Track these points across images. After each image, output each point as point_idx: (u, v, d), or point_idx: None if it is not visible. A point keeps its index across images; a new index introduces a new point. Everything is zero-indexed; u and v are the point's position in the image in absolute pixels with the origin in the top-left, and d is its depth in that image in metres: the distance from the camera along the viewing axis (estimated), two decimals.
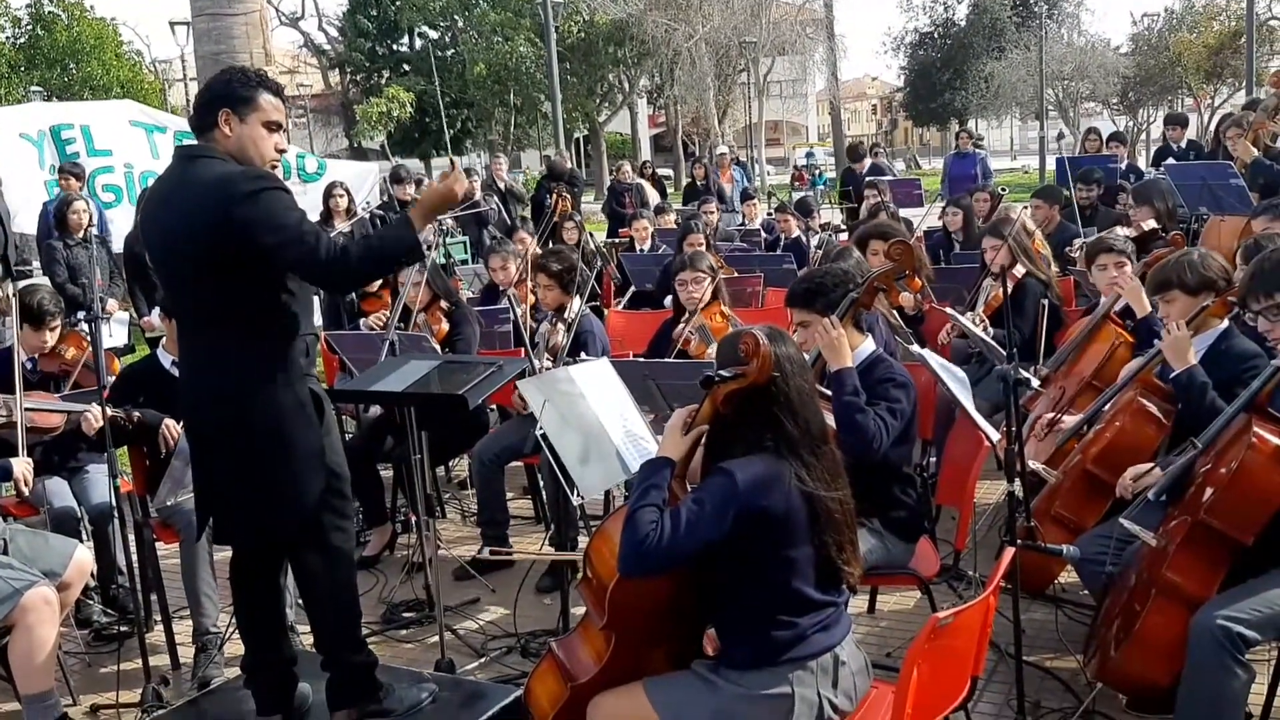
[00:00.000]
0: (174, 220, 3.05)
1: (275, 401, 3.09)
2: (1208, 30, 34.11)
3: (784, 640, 2.55)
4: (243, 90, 3.09)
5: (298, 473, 3.14)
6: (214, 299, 3.07)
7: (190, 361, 3.23)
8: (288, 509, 3.16)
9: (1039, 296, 5.60)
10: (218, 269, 3.00)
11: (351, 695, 3.34)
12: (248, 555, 3.37)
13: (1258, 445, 3.00)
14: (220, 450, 3.16)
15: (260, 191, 2.95)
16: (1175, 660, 3.00)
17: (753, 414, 2.56)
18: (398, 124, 36.08)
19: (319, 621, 3.37)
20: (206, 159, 3.05)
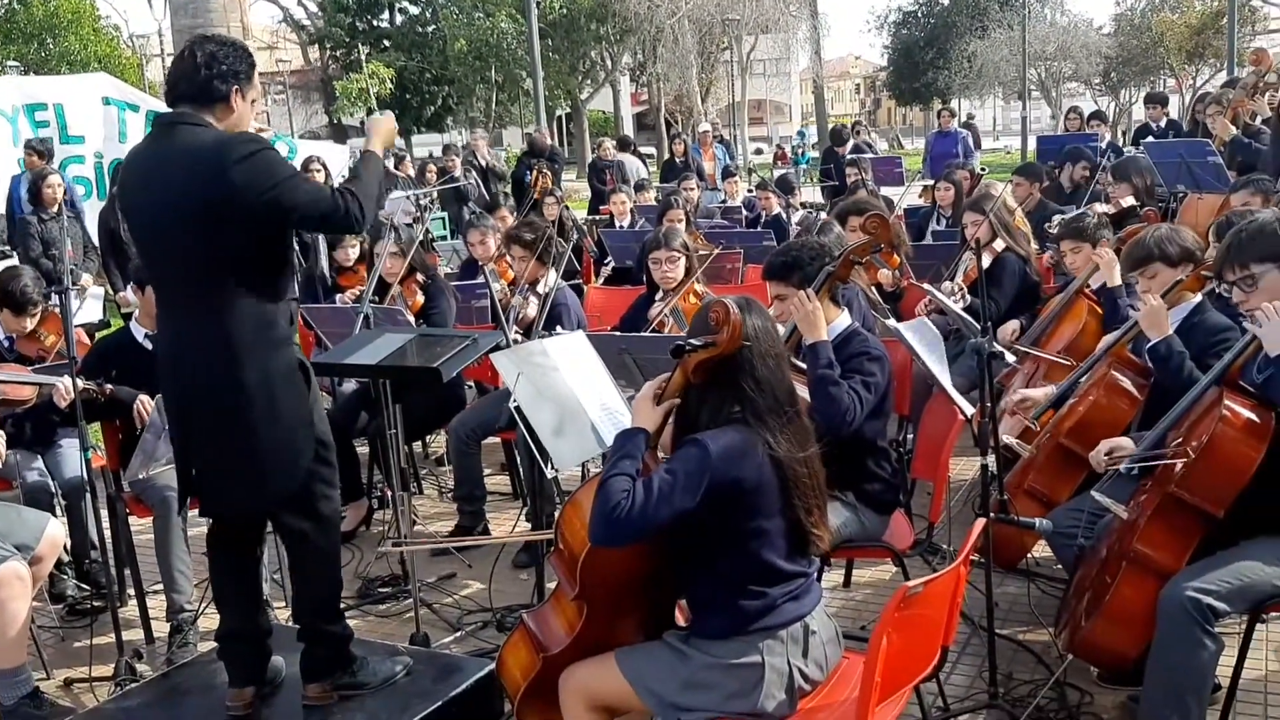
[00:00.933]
0: (164, 186, 3.03)
1: (266, 368, 3.09)
2: (1190, 10, 34.20)
3: (754, 610, 2.56)
4: (249, 66, 3.13)
5: (289, 439, 3.14)
6: (204, 266, 3.05)
7: (175, 331, 3.18)
8: (280, 475, 3.16)
9: (1017, 271, 5.62)
10: (210, 234, 3.00)
11: (327, 667, 3.34)
12: (228, 525, 3.35)
13: (1229, 418, 3.01)
14: (209, 420, 3.13)
15: (257, 152, 2.98)
16: (1145, 632, 3.01)
17: (723, 383, 2.56)
18: (378, 100, 35.81)
19: (302, 590, 3.38)
20: (192, 126, 3.04)
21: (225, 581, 3.37)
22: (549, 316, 4.93)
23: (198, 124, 3.04)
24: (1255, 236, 3.12)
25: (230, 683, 3.33)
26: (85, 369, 4.16)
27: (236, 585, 3.36)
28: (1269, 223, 3.14)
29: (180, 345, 3.15)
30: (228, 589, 3.37)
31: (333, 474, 3.34)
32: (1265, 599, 2.99)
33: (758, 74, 47.07)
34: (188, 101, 3.08)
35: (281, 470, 3.15)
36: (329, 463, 3.29)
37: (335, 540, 3.41)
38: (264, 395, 3.08)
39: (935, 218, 8.30)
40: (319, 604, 3.35)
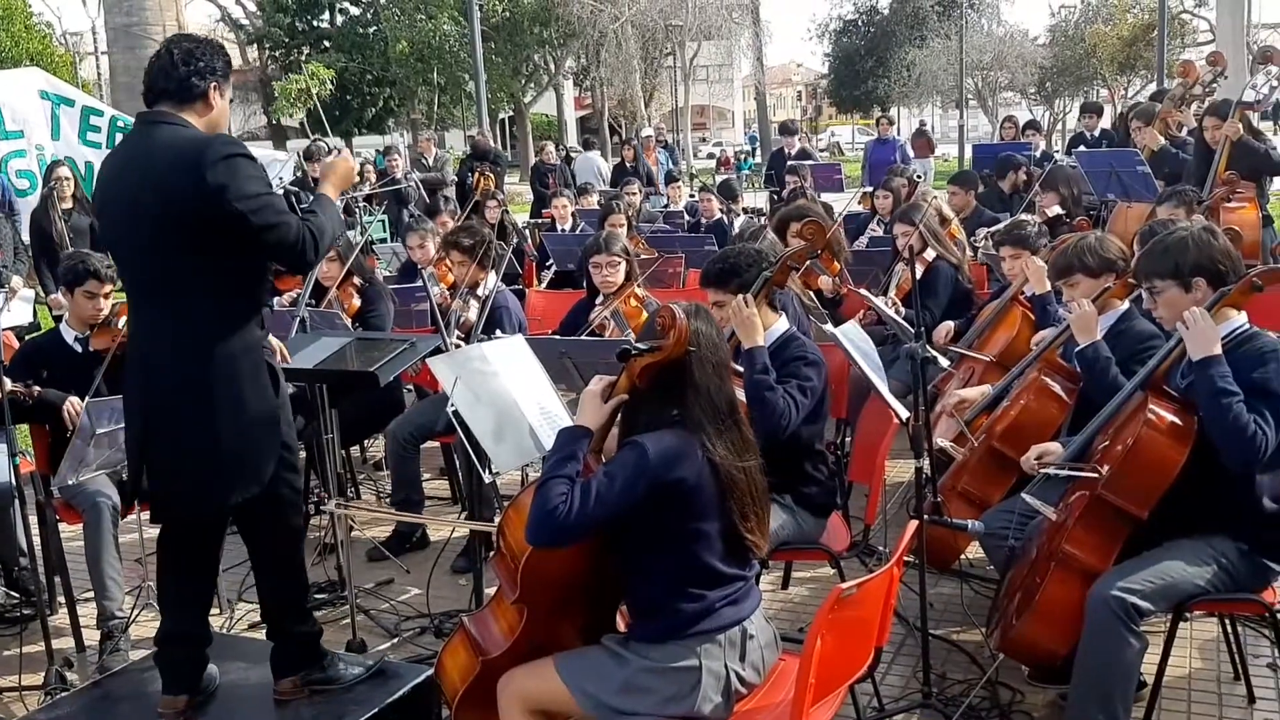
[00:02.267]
0: (141, 183, 3.01)
1: (235, 370, 3.09)
2: (1122, 22, 34.95)
3: (692, 613, 2.57)
4: (226, 64, 3.14)
5: (258, 438, 3.14)
6: (177, 265, 3.03)
7: (145, 330, 3.16)
8: (244, 477, 3.16)
9: (950, 279, 5.72)
10: (185, 233, 2.99)
11: (297, 663, 3.36)
12: (183, 527, 3.31)
13: (1154, 421, 3.09)
14: (175, 420, 3.11)
15: (234, 156, 2.97)
16: (1073, 630, 3.08)
17: (667, 388, 2.58)
18: (319, 101, 35.41)
19: (270, 589, 3.38)
20: (172, 125, 3.04)
21: (173, 583, 3.34)
22: (489, 320, 4.92)
23: (177, 123, 3.04)
24: (1162, 254, 3.22)
25: (164, 689, 3.29)
26: (12, 371, 4.08)
27: (185, 588, 3.33)
28: (1177, 241, 3.22)
29: (149, 344, 3.13)
30: (174, 591, 3.34)
31: (297, 477, 3.38)
32: (1188, 598, 3.08)
33: (701, 80, 47.27)
34: (167, 99, 3.07)
35: (246, 472, 3.15)
36: (295, 467, 3.33)
37: (300, 540, 3.44)
38: (231, 397, 3.08)
39: (875, 224, 8.41)
40: (287, 603, 3.38)
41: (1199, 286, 3.15)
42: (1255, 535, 3.11)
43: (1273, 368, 2.99)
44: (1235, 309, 3.14)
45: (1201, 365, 3.02)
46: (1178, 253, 3.19)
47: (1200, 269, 3.16)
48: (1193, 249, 3.18)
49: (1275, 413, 2.96)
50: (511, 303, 5.24)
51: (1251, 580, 3.14)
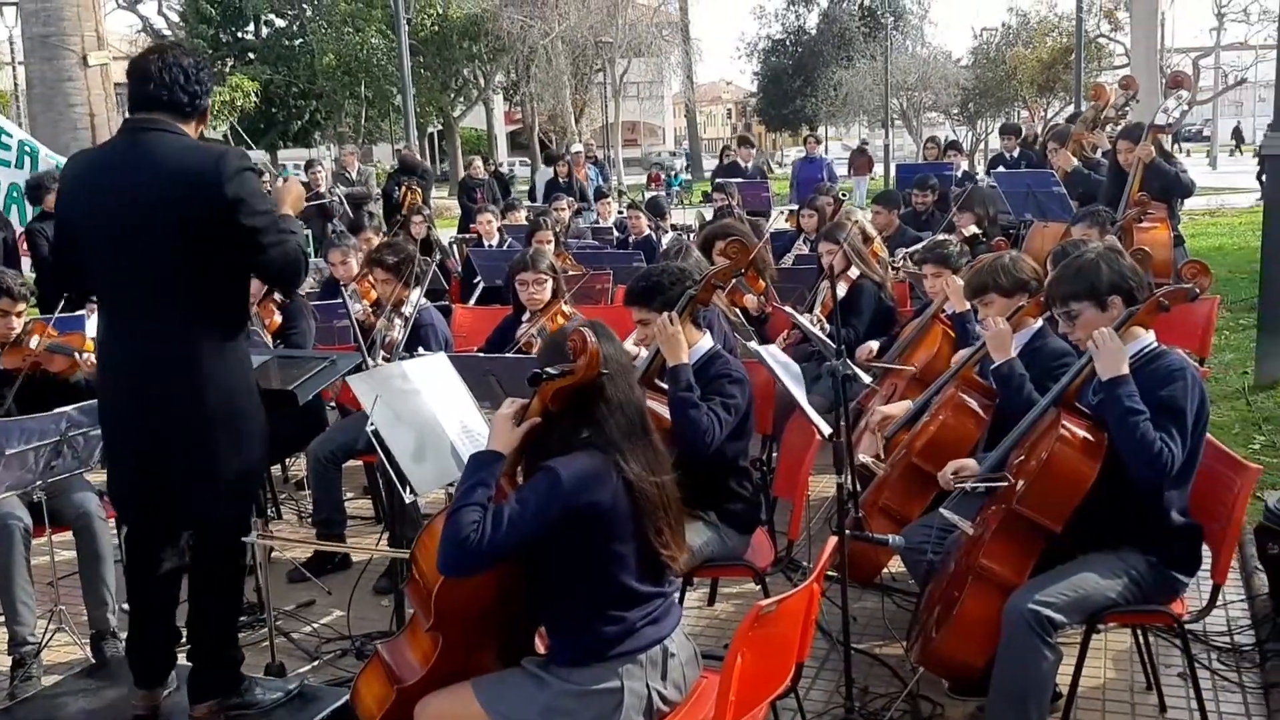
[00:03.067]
0: (136, 193, 2.95)
1: (230, 387, 3.10)
2: (1041, 45, 35.83)
3: (612, 635, 2.56)
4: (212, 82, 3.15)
5: (249, 458, 3.18)
6: (173, 278, 3.00)
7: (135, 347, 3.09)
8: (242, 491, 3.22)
9: (873, 297, 5.80)
10: (187, 244, 2.96)
11: (216, 687, 3.33)
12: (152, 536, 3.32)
13: (1066, 437, 3.16)
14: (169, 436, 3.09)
15: (247, 171, 2.98)
16: (990, 643, 3.13)
17: (578, 410, 2.57)
18: (242, 114, 34.89)
19: (207, 609, 3.35)
20: (169, 133, 3.00)
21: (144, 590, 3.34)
22: (414, 338, 4.87)
23: (176, 132, 3.02)
24: (1075, 275, 3.30)
25: (138, 682, 3.36)
26: None
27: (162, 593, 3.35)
28: (1089, 262, 3.31)
29: (142, 361, 3.07)
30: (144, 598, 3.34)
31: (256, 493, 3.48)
32: (1100, 610, 3.15)
33: (631, 96, 47.50)
34: (171, 110, 3.02)
35: (235, 491, 3.18)
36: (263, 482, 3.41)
37: (244, 561, 3.46)
38: (227, 414, 3.09)
39: (801, 242, 8.49)
40: (221, 625, 3.37)
41: (1115, 304, 3.24)
42: (1164, 548, 3.19)
43: (1179, 386, 3.08)
44: (1143, 328, 3.23)
45: (1110, 385, 3.09)
46: (1091, 273, 3.27)
47: (1115, 287, 3.25)
48: (1105, 269, 3.27)
49: (1181, 430, 3.05)
50: (437, 320, 5.19)
51: (1161, 592, 3.22)
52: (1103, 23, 34.26)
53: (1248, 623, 4.10)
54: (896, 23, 40.96)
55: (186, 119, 3.05)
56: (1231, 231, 16.01)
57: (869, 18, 43.04)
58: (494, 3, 32.07)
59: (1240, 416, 6.61)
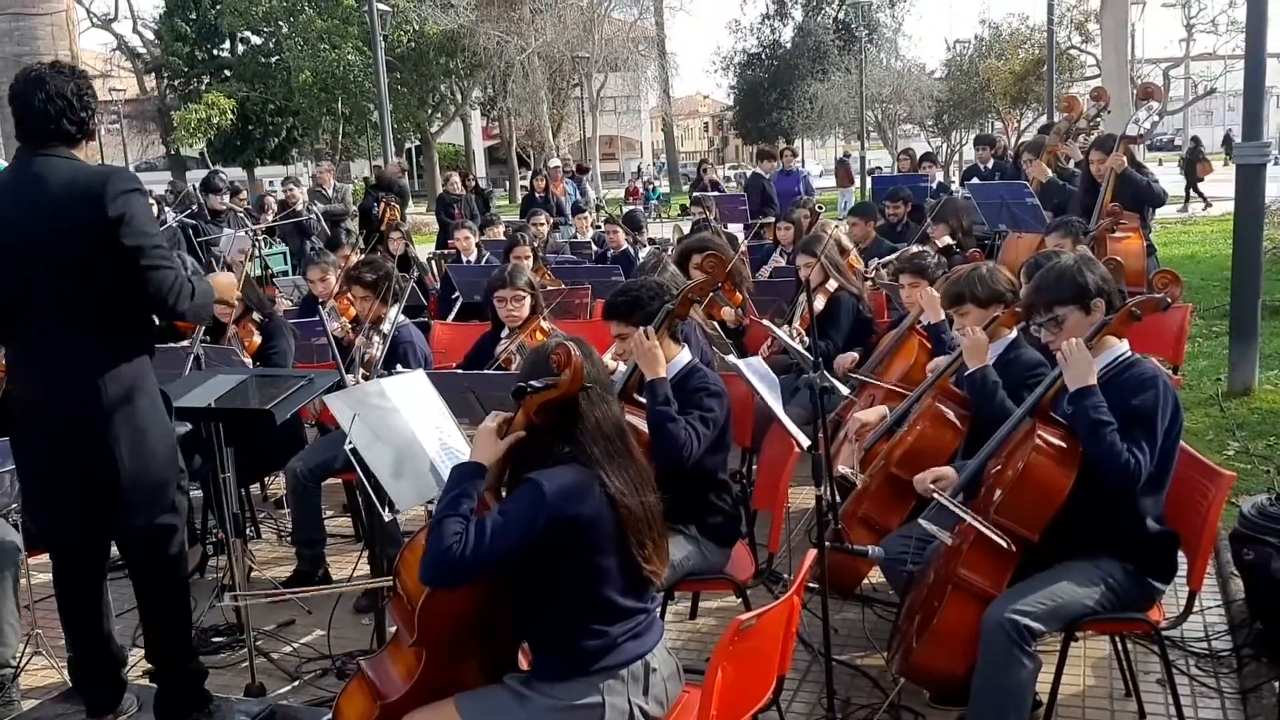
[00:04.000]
0: (35, 218, 3.02)
1: (133, 400, 3.15)
2: (1014, 57, 36.09)
3: (595, 649, 2.56)
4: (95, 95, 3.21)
5: (154, 470, 3.21)
6: (73, 296, 3.06)
7: (41, 365, 3.15)
8: (150, 501, 3.22)
9: (851, 309, 5.83)
10: (83, 266, 3.03)
11: (182, 706, 3.35)
12: (78, 560, 3.36)
13: (1042, 447, 3.19)
14: (74, 451, 3.15)
15: (133, 192, 3.05)
16: (970, 652, 3.14)
17: (561, 424, 2.57)
18: (218, 131, 34.81)
19: (157, 626, 3.40)
20: (59, 158, 3.08)
21: (72, 615, 3.40)
22: (393, 355, 4.87)
23: (68, 157, 3.10)
24: (1057, 280, 3.33)
25: (90, 712, 3.39)
26: None
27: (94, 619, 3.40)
28: (1069, 267, 3.35)
29: (44, 378, 3.13)
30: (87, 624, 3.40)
31: (186, 504, 3.45)
32: (1077, 618, 3.17)
33: (609, 110, 47.64)
34: (55, 139, 3.09)
35: (146, 500, 3.20)
36: (184, 492, 3.42)
37: (186, 573, 3.48)
38: (130, 427, 3.14)
39: (778, 255, 8.53)
40: (174, 640, 3.39)
41: (1098, 308, 3.28)
42: (1140, 556, 3.22)
43: (1150, 395, 3.11)
44: (1117, 337, 3.27)
45: (1077, 396, 3.13)
46: (1074, 277, 3.31)
47: (1099, 290, 3.30)
48: (1085, 273, 3.32)
49: (1150, 439, 3.08)
50: (415, 336, 5.18)
51: (1138, 599, 3.25)
52: (1074, 34, 34.56)
53: (1225, 628, 4.14)
54: (870, 36, 41.23)
55: (75, 143, 3.14)
56: (1204, 239, 16.18)
57: (843, 31, 43.34)
58: (470, 19, 32.10)
59: (1214, 423, 6.67)
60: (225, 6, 35.48)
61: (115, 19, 42.52)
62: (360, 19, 30.37)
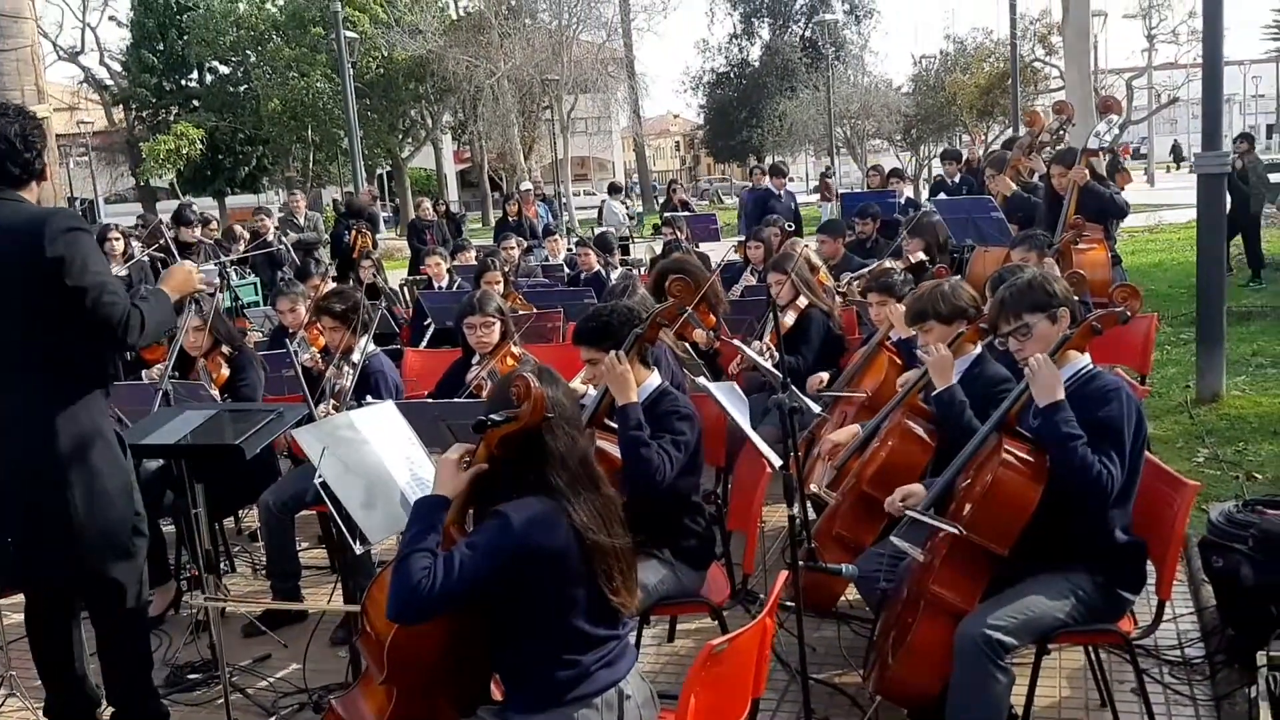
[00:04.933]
0: None
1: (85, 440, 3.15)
2: (979, 71, 36.41)
3: (567, 679, 2.56)
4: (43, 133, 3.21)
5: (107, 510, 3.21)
6: (21, 341, 3.07)
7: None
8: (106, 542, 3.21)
9: (822, 326, 5.87)
10: (28, 308, 3.04)
11: None
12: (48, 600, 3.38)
13: (1010, 461, 3.21)
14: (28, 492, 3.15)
15: (74, 230, 3.05)
16: (944, 668, 3.16)
17: (525, 455, 2.58)
18: (188, 161, 34.69)
19: (118, 666, 3.38)
20: (8, 201, 3.09)
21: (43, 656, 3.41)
22: (364, 385, 4.85)
23: (13, 199, 3.11)
24: (1024, 290, 3.38)
25: None
26: None
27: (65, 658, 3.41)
28: (1034, 277, 3.41)
29: None
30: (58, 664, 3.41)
31: (145, 544, 3.44)
32: (1049, 630, 3.20)
33: (580, 132, 47.70)
34: (9, 183, 3.11)
35: (101, 544, 3.20)
36: (142, 533, 3.38)
37: (146, 612, 3.50)
38: (84, 470, 3.14)
39: (749, 273, 8.56)
40: (135, 680, 3.40)
41: (1064, 317, 3.33)
42: (1109, 567, 3.25)
43: (1114, 406, 3.15)
44: (1079, 350, 3.31)
45: (1047, 411, 3.16)
46: (1039, 288, 3.37)
47: (1064, 300, 3.36)
48: (1048, 283, 3.39)
49: (1119, 450, 3.12)
50: (387, 366, 5.17)
51: (1108, 610, 3.27)
52: (1037, 47, 34.93)
53: (1198, 635, 4.17)
54: (838, 53, 41.56)
55: (20, 185, 3.14)
56: (1170, 247, 16.37)
57: (810, 49, 43.68)
58: (439, 44, 32.15)
59: (1184, 430, 6.74)
60: (192, 37, 35.42)
61: (82, 52, 42.36)
62: (328, 46, 30.37)
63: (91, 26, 56.92)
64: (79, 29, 42.40)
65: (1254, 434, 6.51)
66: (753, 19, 47.73)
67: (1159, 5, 34.52)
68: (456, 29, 34.35)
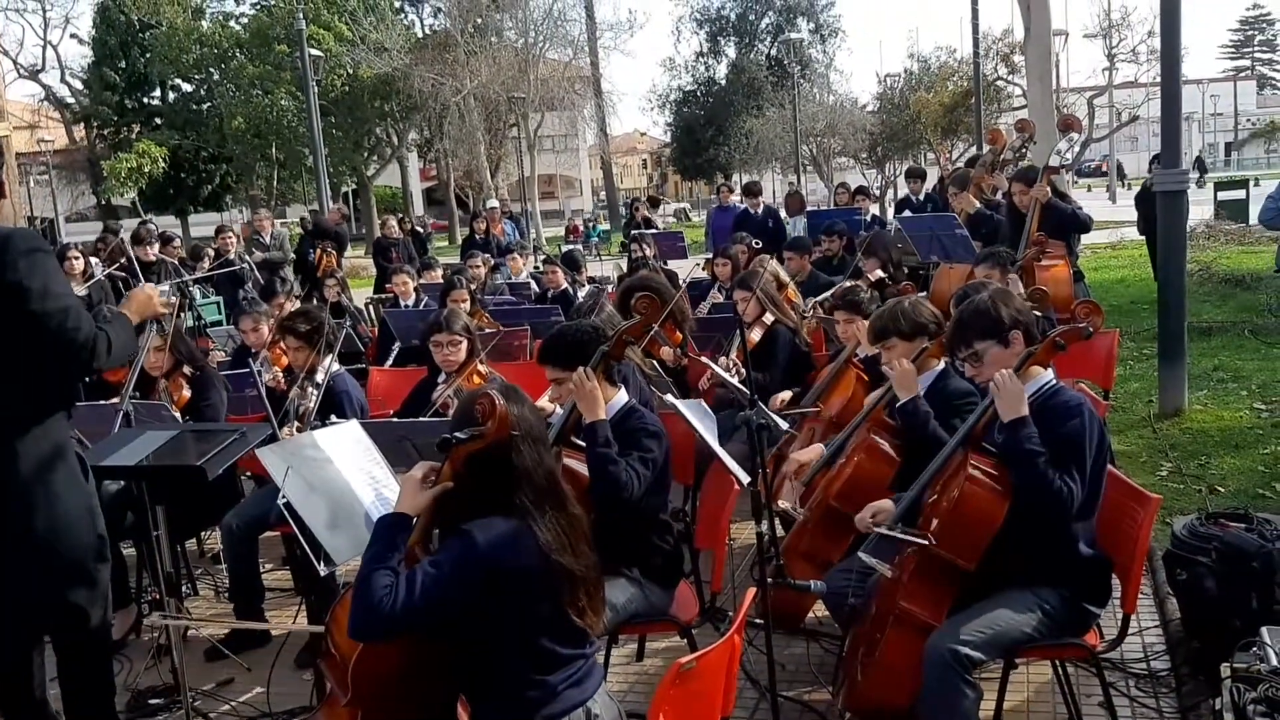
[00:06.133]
0: None
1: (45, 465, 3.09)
2: (943, 90, 36.79)
3: (534, 699, 2.54)
4: None
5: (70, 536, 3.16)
6: None
7: None
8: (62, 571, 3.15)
9: (788, 342, 5.88)
10: None
11: None
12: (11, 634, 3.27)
13: (976, 477, 3.23)
14: None
15: (35, 252, 2.98)
16: (913, 683, 3.16)
17: (490, 473, 2.56)
18: (150, 179, 34.41)
19: (79, 692, 3.32)
20: None
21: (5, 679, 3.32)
22: (329, 405, 4.81)
23: None
24: (973, 317, 3.41)
25: None
26: None
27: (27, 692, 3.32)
28: (984, 303, 3.43)
29: None
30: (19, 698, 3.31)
31: (108, 568, 3.38)
32: (1016, 645, 3.21)
33: (547, 149, 47.72)
34: None
35: (62, 570, 3.13)
36: (105, 557, 3.32)
37: (108, 637, 3.45)
38: (45, 494, 3.08)
39: (716, 291, 8.58)
40: (95, 706, 3.34)
41: (1016, 340, 3.35)
42: (1074, 581, 3.27)
43: (1076, 423, 3.17)
44: (1042, 366, 3.33)
45: (1010, 428, 3.19)
46: (990, 313, 3.39)
47: (1015, 322, 3.37)
48: (1001, 308, 3.40)
49: (1080, 466, 3.14)
50: (351, 385, 5.13)
51: (1074, 624, 3.29)
52: (1000, 66, 35.33)
53: (1163, 648, 4.20)
54: (803, 72, 41.84)
55: None
56: (1133, 264, 16.56)
57: (776, 68, 43.92)
58: (404, 62, 32.10)
59: (1147, 444, 6.81)
60: (155, 54, 35.18)
61: (43, 69, 42.02)
62: (293, 64, 30.25)
63: (53, 44, 56.37)
64: (40, 46, 41.96)
65: (1216, 447, 6.59)
66: (719, 38, 47.99)
67: (1119, 25, 35.05)
68: (422, 47, 34.32)
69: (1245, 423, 7.06)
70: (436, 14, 39.40)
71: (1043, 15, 15.76)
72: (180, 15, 35.64)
